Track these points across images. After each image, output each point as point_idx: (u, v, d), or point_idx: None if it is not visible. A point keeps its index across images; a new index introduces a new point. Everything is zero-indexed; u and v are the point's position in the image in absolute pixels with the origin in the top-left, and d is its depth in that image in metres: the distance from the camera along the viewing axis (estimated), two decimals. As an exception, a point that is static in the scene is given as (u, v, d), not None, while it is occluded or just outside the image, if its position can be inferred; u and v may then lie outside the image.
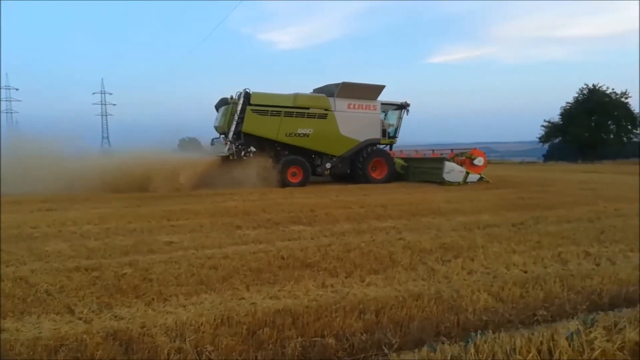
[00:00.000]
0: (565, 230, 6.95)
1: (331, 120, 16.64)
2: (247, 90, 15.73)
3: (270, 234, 6.67)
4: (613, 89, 48.00)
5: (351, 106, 16.97)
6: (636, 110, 47.15)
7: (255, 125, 15.63)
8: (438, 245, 5.85)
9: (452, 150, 18.45)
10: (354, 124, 17.04)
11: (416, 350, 2.84)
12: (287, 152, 16.30)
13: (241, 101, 15.47)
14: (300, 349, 2.96)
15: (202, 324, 3.26)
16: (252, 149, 15.64)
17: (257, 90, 15.90)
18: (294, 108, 16.18)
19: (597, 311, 3.54)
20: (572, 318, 3.37)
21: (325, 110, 16.58)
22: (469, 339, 2.81)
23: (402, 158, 19.20)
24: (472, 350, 2.67)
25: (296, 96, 16.42)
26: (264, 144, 15.93)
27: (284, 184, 15.50)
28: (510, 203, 10.46)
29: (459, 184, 16.50)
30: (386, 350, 2.93)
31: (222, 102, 16.51)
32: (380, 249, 5.69)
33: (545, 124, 50.72)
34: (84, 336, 3.07)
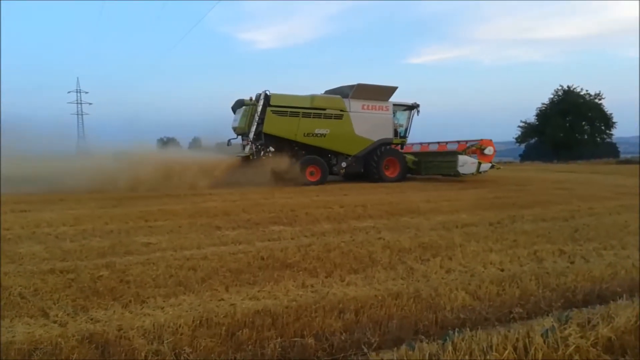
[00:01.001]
0: (540, 228, 7.08)
1: (346, 121, 17.20)
2: (267, 92, 16.13)
3: (250, 235, 6.64)
4: (587, 91, 49.19)
5: (365, 107, 17.56)
6: (609, 111, 48.40)
7: (275, 125, 16.09)
8: (417, 245, 5.90)
9: (458, 142, 18.93)
10: (368, 124, 17.62)
11: (395, 349, 2.86)
12: (304, 152, 16.75)
13: (261, 103, 15.90)
14: (279, 349, 2.95)
15: (180, 326, 3.23)
16: (271, 149, 16.02)
17: (276, 92, 16.36)
18: (311, 109, 16.68)
19: (571, 308, 3.63)
20: (547, 315, 3.44)
21: (341, 111, 17.14)
22: (447, 337, 2.85)
23: (412, 153, 19.70)
24: (450, 348, 2.71)
25: (313, 97, 16.95)
26: (282, 144, 16.27)
27: (303, 182, 15.93)
28: (488, 202, 10.62)
29: (472, 174, 17.37)
30: (365, 350, 2.94)
31: (239, 104, 16.86)
32: (360, 248, 5.72)
33: (522, 124, 51.66)
34: (59, 340, 3.01)
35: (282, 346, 2.99)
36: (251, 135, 15.91)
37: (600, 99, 48.75)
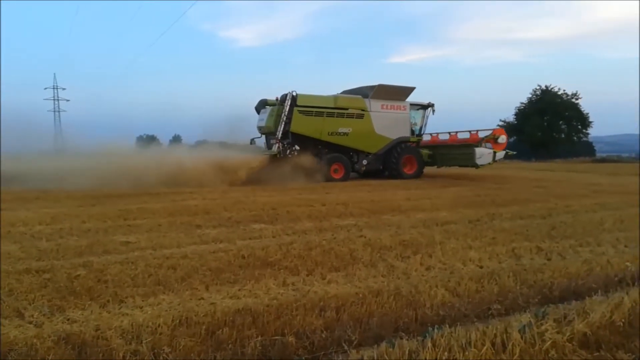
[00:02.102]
0: (518, 226, 7.19)
1: (367, 120, 17.85)
2: (294, 92, 16.66)
3: (230, 233, 6.59)
4: (564, 90, 50.06)
5: (384, 107, 18.24)
6: (585, 111, 49.35)
7: (301, 125, 16.66)
8: (398, 242, 5.94)
9: (470, 131, 19.69)
10: (387, 123, 18.27)
11: (375, 347, 2.87)
12: (326, 150, 17.35)
13: (288, 103, 16.43)
14: (260, 348, 2.94)
15: (159, 326, 3.19)
16: (297, 147, 16.61)
17: (302, 93, 16.92)
18: (335, 109, 17.32)
19: (548, 304, 3.69)
20: (525, 311, 3.49)
21: (362, 110, 17.79)
22: (427, 334, 2.88)
23: (425, 147, 20.24)
24: (429, 345, 2.74)
25: (336, 98, 17.72)
26: (306, 143, 16.85)
27: (328, 179, 16.48)
28: (468, 200, 10.73)
29: (489, 164, 18.56)
30: (346, 347, 2.95)
31: (262, 104, 17.65)
32: (341, 246, 5.73)
33: (501, 123, 52.32)
34: (34, 341, 2.95)
35: (263, 345, 2.97)
36: (279, 134, 16.36)
37: (577, 99, 49.69)
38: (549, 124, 48.72)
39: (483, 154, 18.22)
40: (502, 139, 19.23)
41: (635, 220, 7.71)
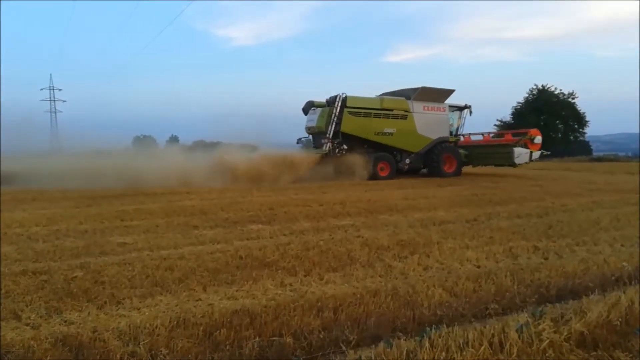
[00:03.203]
0: (515, 225, 7.21)
1: (410, 121, 18.79)
2: (344, 94, 17.57)
3: (228, 234, 6.58)
4: (561, 90, 50.20)
5: (425, 108, 19.18)
6: (582, 110, 49.49)
7: (351, 125, 17.60)
8: (395, 242, 5.94)
9: (504, 132, 21.74)
10: (428, 124, 19.20)
11: (373, 347, 2.88)
12: (372, 150, 18.13)
13: (339, 104, 17.36)
14: (257, 349, 2.94)
15: (156, 327, 3.18)
16: (345, 147, 17.50)
17: (353, 95, 17.92)
18: (381, 110, 18.26)
19: (545, 303, 3.71)
20: (522, 311, 3.50)
21: (405, 111, 18.72)
22: (424, 334, 2.88)
23: (461, 147, 21.10)
24: (427, 345, 2.74)
25: (382, 99, 18.67)
26: (352, 143, 17.69)
27: (375, 177, 17.32)
28: (464, 199, 10.75)
29: (526, 163, 19.65)
30: (343, 347, 2.95)
31: (310, 105, 18.83)
32: (339, 246, 5.73)
33: (498, 122, 52.40)
34: (31, 342, 2.94)
35: (260, 345, 2.97)
36: (330, 134, 17.25)
37: (573, 98, 49.83)
38: (545, 124, 48.84)
39: (521, 153, 19.21)
40: (538, 139, 20.00)
41: (632, 219, 7.74)
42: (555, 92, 50.16)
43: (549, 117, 48.72)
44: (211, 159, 16.20)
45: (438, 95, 19.57)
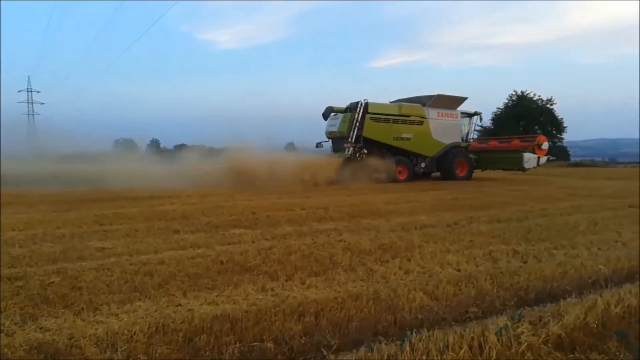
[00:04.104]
0: (496, 229, 7.29)
1: (426, 126, 19.80)
2: (366, 100, 18.53)
3: (209, 238, 6.52)
4: (539, 96, 51.11)
5: (440, 114, 20.26)
6: (560, 116, 50.44)
7: (372, 130, 18.53)
8: (377, 246, 5.96)
9: (510, 138, 22.95)
10: (442, 130, 20.26)
11: (354, 351, 2.87)
12: (389, 154, 18.95)
13: (361, 110, 18.28)
14: (238, 354, 2.91)
15: (135, 333, 3.13)
16: (365, 151, 18.32)
17: (373, 101, 18.92)
18: (399, 116, 19.29)
19: (524, 307, 3.74)
20: (502, 314, 3.53)
21: (421, 117, 19.74)
22: (405, 338, 2.88)
23: (471, 152, 22.09)
24: (408, 349, 2.75)
25: (400, 106, 19.70)
26: (372, 147, 18.53)
27: (393, 180, 18.18)
28: (446, 204, 10.84)
29: (534, 168, 21.01)
30: (325, 352, 2.94)
31: (330, 111, 19.56)
32: (321, 251, 5.72)
33: (478, 128, 53.04)
34: (5, 350, 2.87)
35: (241, 351, 2.95)
36: (352, 138, 18.09)
37: (551, 104, 50.78)
38: (524, 129, 49.63)
39: (530, 158, 20.46)
40: (545, 145, 21.45)
41: (609, 223, 7.90)
42: (534, 98, 51.05)
43: (528, 122, 49.53)
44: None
45: (452, 102, 20.62)
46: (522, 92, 51.78)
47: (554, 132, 50.73)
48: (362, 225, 7.67)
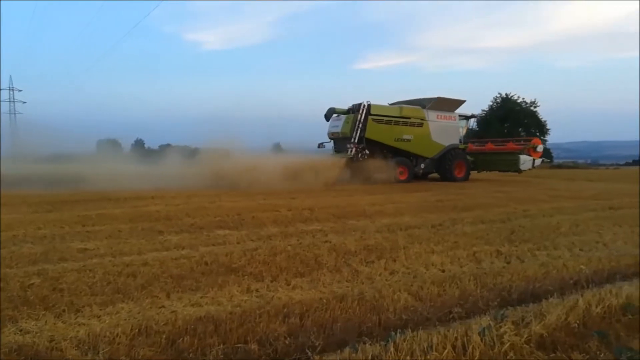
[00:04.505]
0: (479, 230, 7.35)
1: (426, 128, 20.28)
2: (368, 102, 18.89)
3: (193, 239, 6.47)
4: (523, 98, 51.69)
5: (439, 117, 20.74)
6: (543, 119, 51.10)
7: (375, 132, 18.90)
8: (362, 247, 5.97)
9: (506, 141, 23.82)
10: (441, 132, 20.74)
11: (339, 352, 2.87)
12: (390, 155, 19.34)
13: (364, 112, 18.65)
14: (222, 356, 2.89)
15: (117, 335, 3.09)
16: (367, 151, 18.61)
17: (376, 103, 19.34)
18: (400, 118, 19.67)
19: (507, 307, 3.78)
20: (485, 314, 3.56)
21: (422, 119, 20.20)
22: (389, 338, 2.89)
23: (468, 153, 22.70)
24: (392, 349, 2.76)
25: (401, 108, 20.06)
26: (373, 148, 18.82)
27: (395, 181, 18.53)
28: (431, 205, 10.91)
29: (529, 169, 21.66)
30: (309, 353, 2.93)
31: (331, 112, 19.95)
32: (307, 251, 5.71)
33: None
34: (-17, 354, 2.82)
35: (225, 353, 2.92)
36: (355, 139, 18.47)
37: (535, 107, 51.37)
38: (509, 131, 50.17)
39: (525, 160, 21.15)
40: (540, 148, 22.25)
41: (590, 224, 8.02)
42: (518, 101, 51.62)
43: (512, 125, 50.06)
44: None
45: (451, 105, 21.15)
46: (506, 94, 52.34)
47: (538, 134, 51.36)
48: (348, 226, 7.68)
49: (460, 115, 21.71)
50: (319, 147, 20.89)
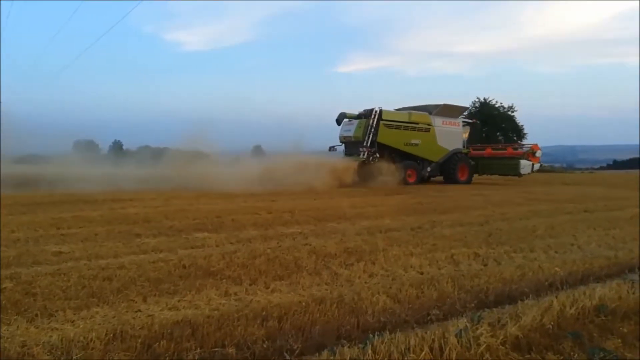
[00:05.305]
0: (458, 233, 7.43)
1: (432, 133, 21.29)
2: (380, 108, 19.83)
3: (172, 242, 6.40)
4: (501, 103, 52.44)
5: (444, 122, 21.80)
6: (520, 123, 51.93)
7: (386, 136, 19.86)
8: (342, 250, 5.97)
9: (506, 146, 25.49)
10: (446, 137, 21.80)
11: (317, 355, 2.87)
12: (399, 158, 20.03)
13: (375, 117, 19.60)
14: (198, 360, 2.86)
15: (91, 340, 3.03)
16: (377, 155, 19.50)
17: (386, 109, 20.38)
18: (409, 123, 20.69)
19: (484, 309, 3.82)
20: (462, 316, 3.59)
21: (428, 125, 21.23)
22: (367, 341, 2.90)
23: (470, 158, 23.59)
24: (370, 352, 2.76)
25: (410, 114, 21.04)
26: (383, 151, 19.67)
27: (404, 183, 19.47)
28: (410, 208, 11.00)
29: (528, 174, 22.77)
30: (287, 356, 2.92)
31: (343, 116, 20.69)
32: (286, 254, 5.69)
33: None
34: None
35: (202, 357, 2.89)
36: (367, 143, 19.38)
37: (512, 111, 52.16)
38: (487, 135, 50.82)
39: (525, 165, 22.24)
40: (539, 153, 23.30)
41: (565, 227, 8.18)
42: (496, 105, 52.35)
43: (490, 129, 50.72)
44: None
45: (455, 111, 22.47)
46: (484, 99, 53.05)
47: (515, 138, 52.14)
48: (328, 229, 7.69)
49: (463, 121, 22.91)
50: (330, 150, 21.74)
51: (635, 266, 5.43)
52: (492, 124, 50.62)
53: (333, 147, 21.87)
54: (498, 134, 51.20)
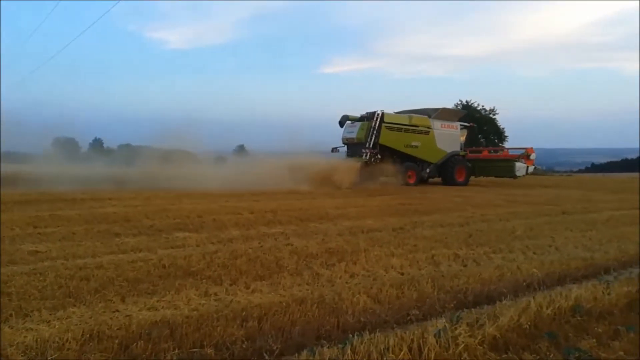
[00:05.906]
0: (438, 234, 7.49)
1: (431, 136, 21.95)
2: (382, 111, 20.37)
3: (151, 242, 6.33)
4: (483, 106, 53.07)
5: (443, 125, 22.45)
6: (502, 126, 52.62)
7: (388, 138, 20.41)
8: (324, 250, 5.98)
9: (502, 149, 26.74)
10: (445, 139, 22.43)
11: (296, 355, 2.86)
12: (399, 160, 20.59)
13: (378, 119, 20.09)
14: (176, 361, 2.83)
15: (67, 341, 2.98)
16: (379, 156, 19.91)
17: (388, 112, 20.97)
18: (409, 126, 21.31)
19: (463, 309, 3.86)
20: (441, 316, 3.63)
21: (428, 128, 21.87)
22: (347, 341, 2.90)
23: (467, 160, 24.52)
24: (349, 352, 2.76)
25: (410, 117, 21.64)
26: (384, 153, 20.15)
27: (404, 184, 19.93)
28: (392, 209, 11.05)
29: (523, 176, 23.55)
30: (267, 357, 2.91)
31: (345, 118, 21.36)
32: (268, 254, 5.67)
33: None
34: None
35: (180, 358, 2.86)
36: (370, 144, 19.77)
37: (494, 114, 52.84)
38: (470, 138, 51.34)
39: (520, 167, 23.01)
40: (533, 156, 24.16)
41: (544, 229, 8.31)
42: (478, 108, 52.95)
43: (472, 131, 51.28)
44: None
45: (453, 115, 23.52)
46: (467, 101, 53.61)
47: (496, 140, 52.80)
48: (310, 229, 7.68)
49: (461, 125, 23.51)
50: (332, 151, 22.19)
51: (611, 267, 5.55)
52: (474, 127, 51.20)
53: (335, 148, 22.39)
54: (480, 136, 51.80)
